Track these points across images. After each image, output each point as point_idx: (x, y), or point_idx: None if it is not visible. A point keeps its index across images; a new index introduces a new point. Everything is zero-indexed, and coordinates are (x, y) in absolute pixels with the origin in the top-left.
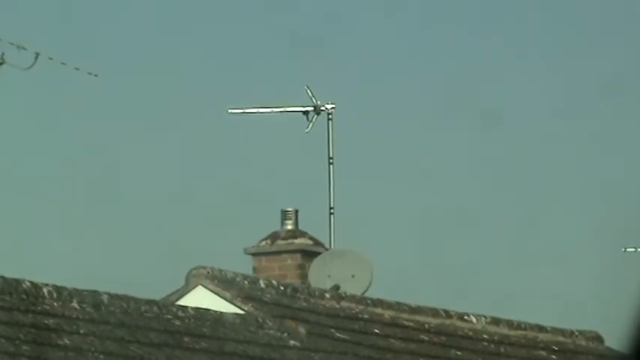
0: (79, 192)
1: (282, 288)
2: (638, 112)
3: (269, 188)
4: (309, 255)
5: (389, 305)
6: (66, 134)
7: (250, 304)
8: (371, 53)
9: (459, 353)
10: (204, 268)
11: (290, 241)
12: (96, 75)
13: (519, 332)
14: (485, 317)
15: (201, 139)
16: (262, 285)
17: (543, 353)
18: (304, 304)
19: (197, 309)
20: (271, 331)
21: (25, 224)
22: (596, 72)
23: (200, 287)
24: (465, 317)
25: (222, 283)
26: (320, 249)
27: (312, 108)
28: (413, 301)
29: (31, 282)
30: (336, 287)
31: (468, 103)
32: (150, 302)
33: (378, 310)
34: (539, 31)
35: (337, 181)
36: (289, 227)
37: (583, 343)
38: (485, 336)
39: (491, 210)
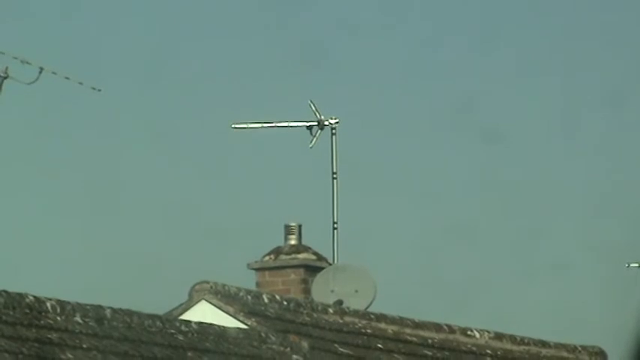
0: (83, 206)
1: (285, 303)
2: None
3: (272, 203)
4: (312, 270)
5: (392, 320)
6: (69, 148)
7: (253, 319)
8: (374, 68)
9: None
10: (208, 282)
11: (293, 255)
12: (99, 90)
13: (522, 347)
14: (488, 332)
15: (205, 154)
16: (265, 300)
17: None
18: (307, 318)
19: (200, 323)
20: (274, 346)
21: (28, 238)
22: (597, 86)
23: (203, 302)
24: (469, 332)
25: (225, 297)
26: (323, 264)
27: (315, 123)
28: (416, 316)
29: (35, 296)
30: (340, 302)
31: (470, 118)
32: (153, 317)
33: (382, 325)
34: (539, 45)
35: (341, 196)
36: (293, 242)
37: (586, 358)
38: (488, 351)
39: (494, 225)
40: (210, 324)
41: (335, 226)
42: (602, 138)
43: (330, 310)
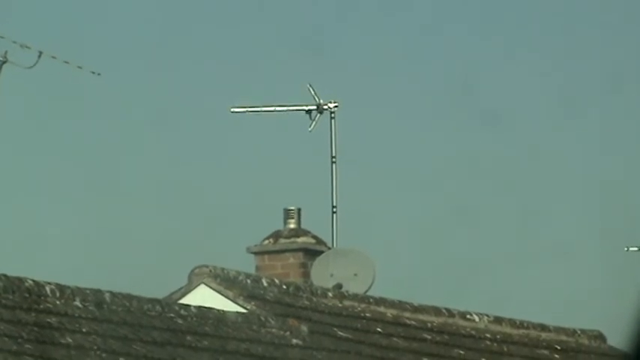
0: (81, 190)
1: (284, 287)
2: None
3: (272, 187)
4: (311, 254)
5: (391, 304)
6: (68, 133)
7: (253, 303)
8: (373, 52)
9: (461, 352)
10: (207, 266)
11: (293, 239)
12: (99, 74)
13: (522, 331)
14: (487, 316)
15: (204, 137)
16: (265, 284)
17: (546, 352)
18: (307, 302)
19: (200, 307)
20: (274, 330)
21: (27, 223)
22: (596, 70)
23: (203, 286)
24: (468, 316)
25: (224, 281)
26: (323, 248)
27: (314, 107)
28: (415, 300)
29: (34, 280)
30: (339, 286)
31: (470, 101)
32: (152, 301)
33: (381, 309)
34: (539, 29)
35: (340, 180)
36: (292, 226)
37: (585, 342)
38: (487, 335)
39: (493, 209)
40: (210, 308)
41: (334, 209)
42: (602, 119)
43: (330, 294)
